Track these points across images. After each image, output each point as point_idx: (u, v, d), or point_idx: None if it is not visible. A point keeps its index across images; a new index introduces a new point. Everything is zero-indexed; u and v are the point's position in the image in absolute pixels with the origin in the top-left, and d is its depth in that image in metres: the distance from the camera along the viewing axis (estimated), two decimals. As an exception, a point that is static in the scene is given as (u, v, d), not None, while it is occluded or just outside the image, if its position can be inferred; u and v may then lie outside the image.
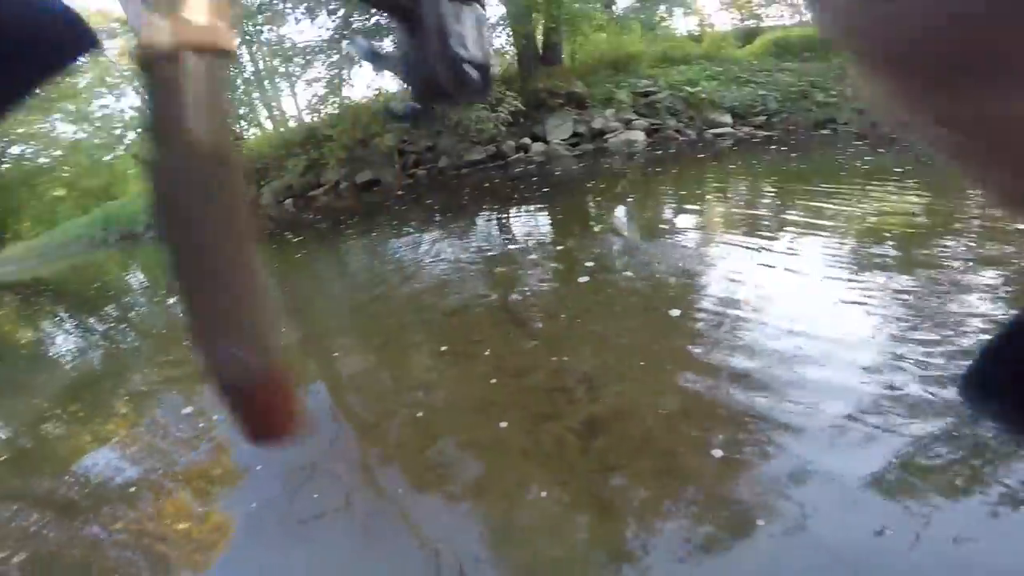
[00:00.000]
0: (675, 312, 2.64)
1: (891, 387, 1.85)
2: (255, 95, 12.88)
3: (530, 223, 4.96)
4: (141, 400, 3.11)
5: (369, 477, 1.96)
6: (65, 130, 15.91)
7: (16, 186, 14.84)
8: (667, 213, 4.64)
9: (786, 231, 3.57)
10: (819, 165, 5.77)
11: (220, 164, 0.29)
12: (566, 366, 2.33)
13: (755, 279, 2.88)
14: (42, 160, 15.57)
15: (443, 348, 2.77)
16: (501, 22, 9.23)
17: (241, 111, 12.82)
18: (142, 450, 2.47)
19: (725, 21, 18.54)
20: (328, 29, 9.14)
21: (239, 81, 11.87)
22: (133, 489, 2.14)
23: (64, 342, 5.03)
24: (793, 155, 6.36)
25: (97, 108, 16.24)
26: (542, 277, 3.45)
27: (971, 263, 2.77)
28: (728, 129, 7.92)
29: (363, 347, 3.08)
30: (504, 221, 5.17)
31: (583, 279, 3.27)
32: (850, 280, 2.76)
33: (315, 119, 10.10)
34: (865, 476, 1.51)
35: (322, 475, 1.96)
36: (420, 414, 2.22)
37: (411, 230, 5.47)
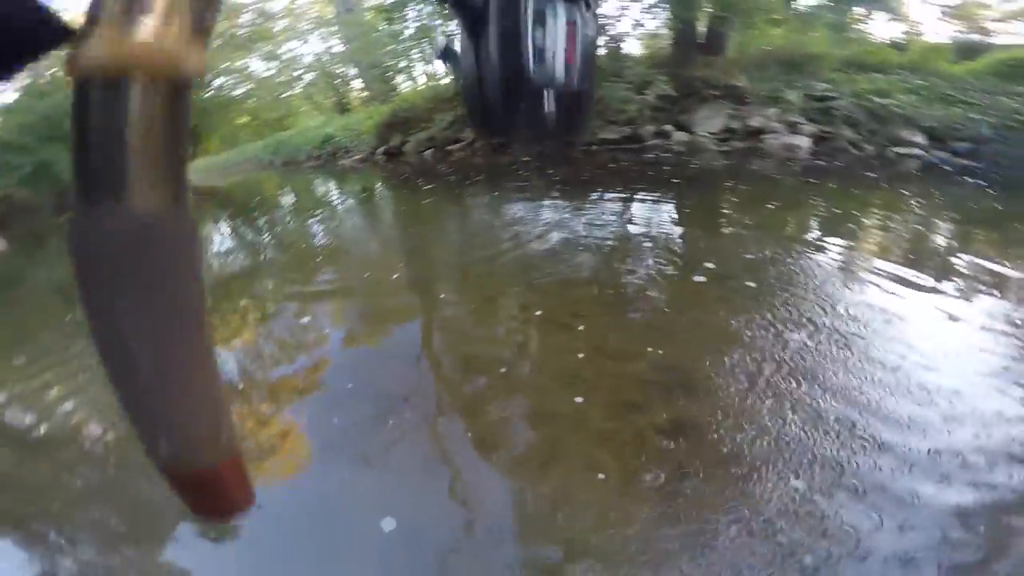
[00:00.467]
0: (794, 335, 2.40)
1: None
2: (415, 51, 13.81)
3: (654, 211, 4.73)
4: (261, 305, 3.65)
5: (442, 422, 2.07)
6: (257, 68, 18.81)
7: (213, 111, 17.77)
8: (812, 229, 4.13)
9: (948, 277, 3.02)
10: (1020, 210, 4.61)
11: (170, 232, 0.22)
12: (666, 361, 2.25)
13: (894, 314, 2.54)
14: (236, 92, 18.54)
15: (541, 314, 2.81)
16: (659, 4, 8.69)
17: (401, 64, 13.98)
18: (247, 354, 2.82)
19: (942, 32, 15.32)
20: None
21: (402, 36, 12.88)
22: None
23: (218, 241, 6.04)
24: (993, 193, 5.17)
25: (285, 50, 18.93)
26: (658, 268, 3.31)
27: None
28: (918, 151, 6.64)
29: (467, 298, 3.22)
30: (626, 205, 5.02)
31: (700, 278, 3.08)
32: (1003, 347, 2.30)
33: (459, 82, 10.65)
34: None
35: (404, 409, 2.13)
36: (504, 371, 2.30)
37: (532, 197, 5.58)
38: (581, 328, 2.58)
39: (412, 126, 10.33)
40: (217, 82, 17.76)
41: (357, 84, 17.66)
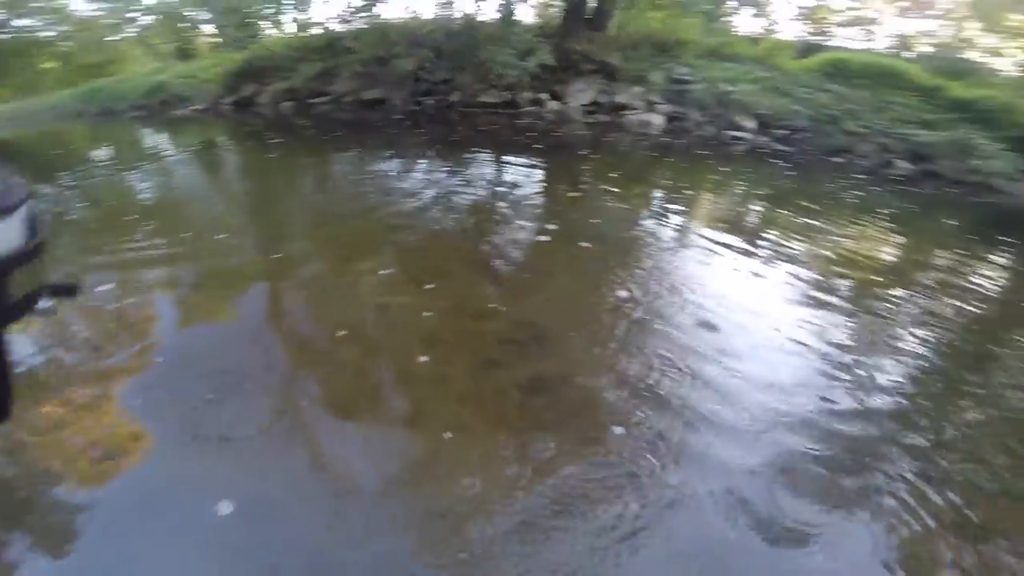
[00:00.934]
0: (643, 291, 2.60)
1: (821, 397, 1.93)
2: None
3: (519, 175, 4.78)
4: (59, 274, 2.94)
5: (296, 389, 1.87)
6: (80, 7, 15.51)
7: (5, 55, 14.33)
8: (653, 199, 4.50)
9: (762, 247, 3.48)
10: (812, 189, 5.59)
11: None
12: (524, 320, 2.28)
13: (716, 274, 2.87)
14: (44, 33, 14.99)
15: (404, 275, 2.66)
16: None
17: (269, 9, 12.29)
18: (52, 335, 2.29)
19: (792, 31, 17.79)
20: None
21: None
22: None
23: None
24: (800, 175, 6.21)
25: None
26: (518, 230, 3.33)
27: (908, 316, 2.78)
28: (748, 135, 7.63)
29: (321, 258, 2.94)
30: (495, 168, 4.97)
31: (557, 240, 3.16)
32: (801, 300, 2.76)
33: (342, 29, 9.64)
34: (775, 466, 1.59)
35: (245, 384, 1.87)
36: (366, 334, 2.14)
37: (402, 155, 5.27)
38: (447, 290, 2.51)
39: (269, 76, 9.16)
40: (19, 23, 14.14)
41: (209, 30, 15.25)
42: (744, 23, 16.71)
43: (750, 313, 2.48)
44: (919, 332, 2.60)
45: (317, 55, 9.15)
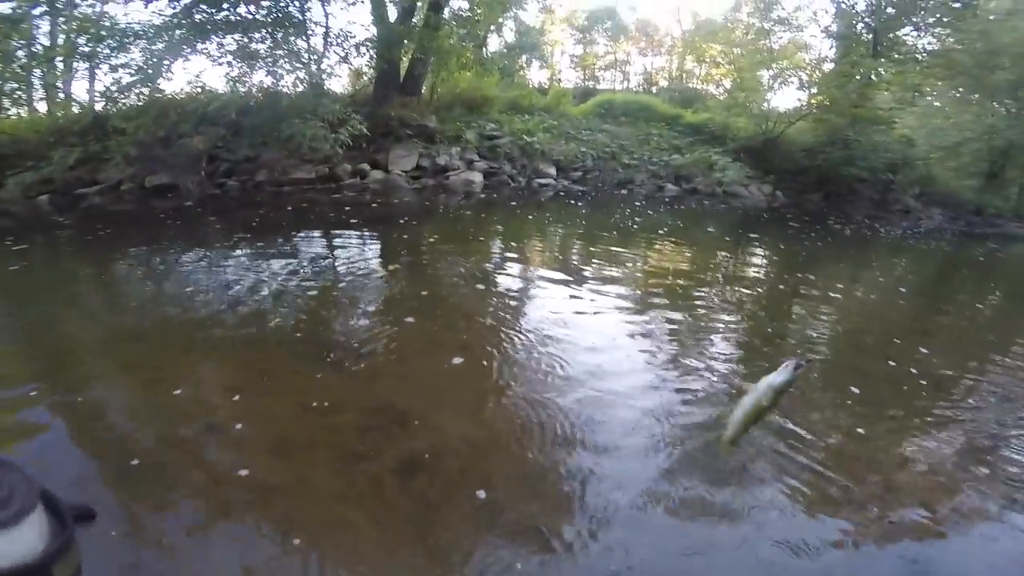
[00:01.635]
0: (490, 348, 2.70)
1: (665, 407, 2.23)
2: (36, 71, 10.12)
3: (352, 252, 4.65)
4: None
5: (139, 523, 1.56)
6: None
7: None
8: (495, 254, 4.83)
9: (589, 277, 4.04)
10: (616, 219, 6.77)
11: None
12: (380, 403, 2.18)
13: (565, 318, 3.15)
14: None
15: (234, 382, 2.35)
16: (368, 43, 8.84)
17: (10, 86, 9.90)
18: None
19: (571, 79, 21.27)
20: (162, 15, 7.65)
21: (20, 53, 9.30)
22: None
23: None
24: (597, 210, 7.39)
25: None
26: (356, 311, 3.21)
27: (714, 307, 3.62)
28: (551, 181, 8.80)
29: (128, 379, 2.44)
30: (323, 248, 4.77)
31: (407, 314, 3.12)
32: (634, 316, 3.31)
33: (108, 108, 8.24)
34: (647, 480, 1.78)
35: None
36: (206, 454, 1.85)
37: (208, 247, 4.65)
38: (288, 388, 2.27)
39: (13, 163, 7.36)
40: None
41: None
42: (534, 74, 19.48)
43: (593, 338, 2.81)
44: (725, 316, 3.43)
45: (77, 138, 7.68)
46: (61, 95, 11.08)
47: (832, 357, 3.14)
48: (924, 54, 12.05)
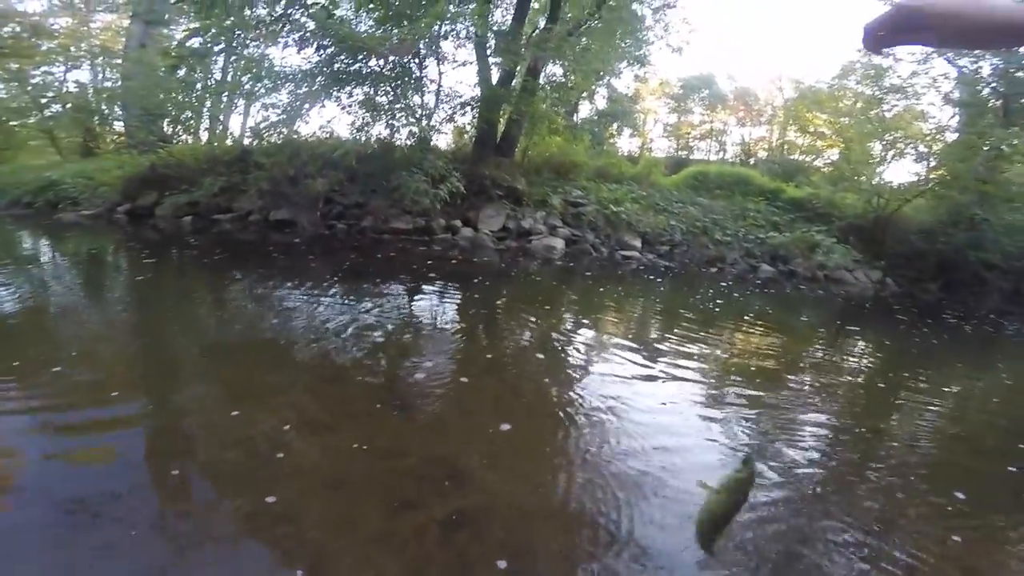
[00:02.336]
0: (560, 414, 2.70)
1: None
2: (208, 103, 12.26)
3: (436, 305, 4.89)
4: None
5: (190, 529, 1.70)
6: None
7: None
8: (568, 324, 4.82)
9: (664, 355, 3.89)
10: (698, 299, 6.50)
11: None
12: (439, 456, 2.23)
13: (634, 392, 3.07)
14: None
15: (308, 414, 2.53)
16: (472, 102, 9.57)
17: (186, 115, 12.06)
18: None
19: (663, 147, 21.26)
20: (310, 62, 8.99)
21: (199, 85, 11.37)
22: None
23: None
24: (681, 287, 7.17)
25: (40, 73, 14.94)
26: (434, 363, 3.33)
27: (800, 400, 3.36)
28: (636, 253, 8.66)
29: (218, 392, 2.73)
30: (411, 297, 5.06)
31: (475, 372, 3.21)
32: (708, 400, 3.14)
33: (254, 144, 9.64)
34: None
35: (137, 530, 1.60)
36: (264, 476, 1.97)
37: (311, 282, 5.16)
38: (355, 428, 2.40)
39: (172, 185, 8.80)
40: None
41: (118, 127, 14.58)
42: (624, 142, 19.77)
43: (663, 418, 2.64)
44: (811, 411, 3.15)
45: (225, 168, 9.02)
46: (220, 127, 13.27)
47: (939, 457, 2.77)
48: None
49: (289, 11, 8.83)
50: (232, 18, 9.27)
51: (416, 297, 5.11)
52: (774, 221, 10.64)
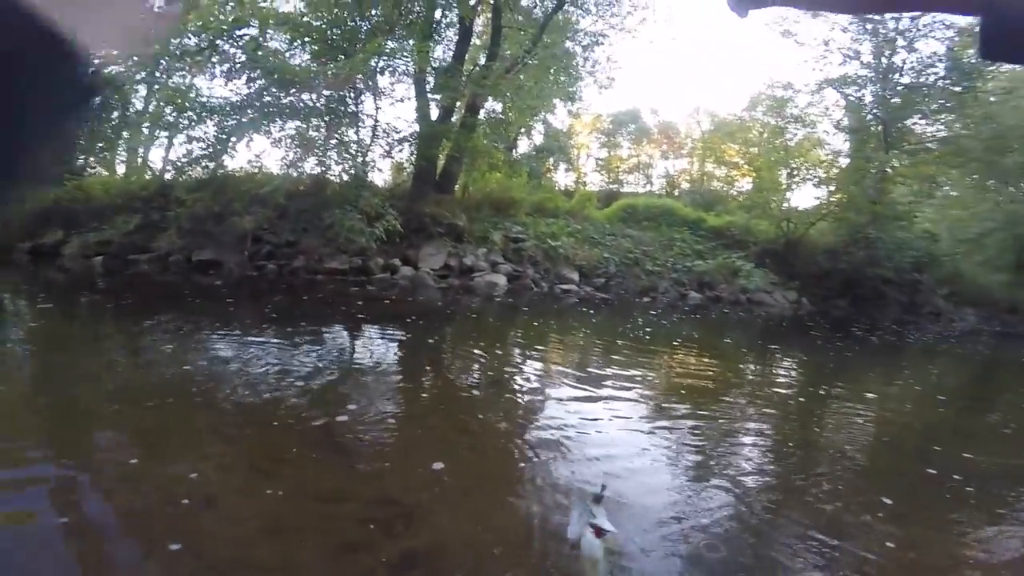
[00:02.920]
0: (508, 448, 2.69)
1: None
2: (125, 134, 11.34)
3: (373, 347, 4.74)
4: None
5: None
6: None
7: None
8: (511, 358, 4.86)
9: (606, 384, 4.01)
10: (629, 328, 6.82)
11: None
12: (384, 498, 2.14)
13: (580, 420, 3.13)
14: None
15: (239, 461, 2.38)
16: (410, 139, 9.62)
17: (98, 144, 11.07)
18: None
19: (596, 181, 22.40)
20: (239, 94, 8.62)
21: (115, 115, 10.51)
22: None
23: None
24: (616, 317, 7.48)
25: None
26: (374, 405, 3.23)
27: (736, 417, 3.55)
28: (574, 287, 9.01)
29: (137, 443, 2.49)
30: (348, 340, 4.89)
31: (417, 411, 3.15)
32: (650, 424, 3.25)
33: (176, 178, 9.03)
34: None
35: None
36: (194, 525, 1.83)
37: (239, 326, 4.84)
38: (290, 473, 2.25)
39: (82, 222, 8.04)
40: None
41: None
42: (560, 177, 20.64)
43: (609, 445, 2.71)
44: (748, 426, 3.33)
45: (142, 204, 8.39)
46: (139, 160, 12.31)
47: (867, 463, 3.03)
48: (935, 143, 11.93)
49: (218, 41, 8.54)
50: (157, 46, 8.82)
51: (353, 339, 4.96)
52: (698, 249, 11.48)
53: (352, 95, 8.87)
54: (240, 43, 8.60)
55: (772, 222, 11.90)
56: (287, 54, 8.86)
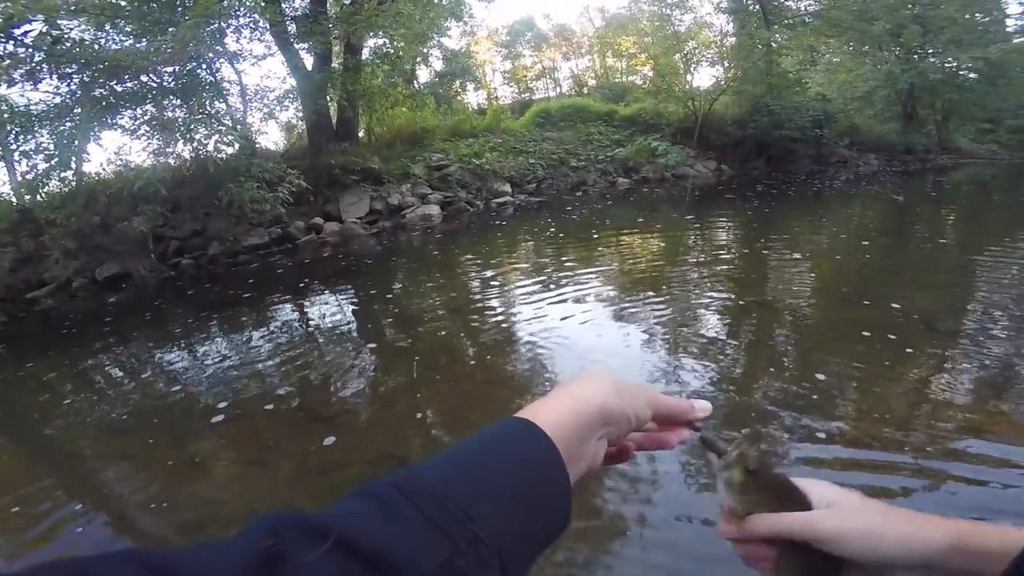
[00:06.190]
0: (485, 373, 2.76)
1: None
2: None
3: (324, 310, 4.58)
4: None
5: None
6: None
7: None
8: (467, 282, 4.84)
9: (565, 281, 4.16)
10: (572, 226, 6.96)
11: None
12: (381, 454, 2.18)
13: (552, 324, 3.25)
14: None
15: (229, 460, 2.37)
16: (289, 96, 8.74)
17: None
18: None
19: (507, 94, 21.70)
20: (59, 94, 7.30)
21: None
22: None
23: None
24: (561, 216, 7.56)
25: None
26: (342, 366, 3.17)
27: (694, 286, 3.82)
28: (508, 198, 8.94)
29: (132, 470, 2.41)
30: (296, 310, 4.67)
31: (388, 363, 3.12)
32: (619, 307, 3.44)
33: (32, 200, 7.80)
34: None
35: None
36: (212, 532, 1.87)
37: (180, 331, 4.52)
38: (283, 456, 2.27)
39: (-56, 275, 6.90)
40: None
41: None
42: (471, 98, 19.70)
43: (588, 340, 2.84)
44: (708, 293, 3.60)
45: (9, 236, 7.28)
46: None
47: (814, 313, 3.35)
48: (810, 17, 12.90)
49: None
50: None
51: (299, 308, 4.76)
52: (616, 139, 11.66)
53: (204, 65, 7.79)
54: (24, 42, 7.20)
55: (678, 103, 12.38)
56: (101, 41, 7.51)
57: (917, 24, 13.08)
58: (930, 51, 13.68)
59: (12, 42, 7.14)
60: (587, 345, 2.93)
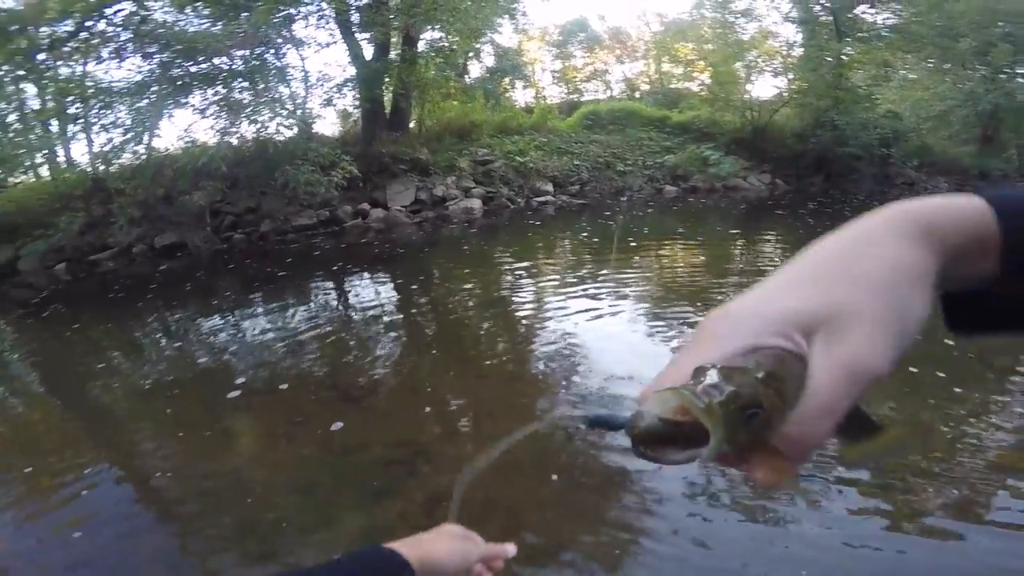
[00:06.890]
0: (512, 368, 2.75)
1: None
2: (32, 136, 10.32)
3: (363, 293, 4.70)
4: None
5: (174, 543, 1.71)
6: None
7: None
8: (502, 278, 4.83)
9: (603, 285, 4.09)
10: (624, 228, 6.85)
11: None
12: (403, 439, 2.21)
13: (586, 329, 3.19)
14: None
15: (259, 431, 2.45)
16: (348, 83, 8.98)
17: (8, 152, 10.06)
18: None
19: (555, 94, 21.52)
20: (139, 71, 7.83)
21: (10, 118, 9.50)
22: None
23: None
24: (601, 221, 7.43)
25: None
26: (373, 350, 3.25)
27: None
28: (550, 197, 8.88)
29: (162, 434, 2.54)
30: (335, 291, 4.83)
31: (418, 350, 3.17)
32: (656, 320, 3.36)
33: (106, 170, 8.37)
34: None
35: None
36: (234, 501, 1.92)
37: (224, 302, 4.74)
38: (310, 432, 2.32)
39: (25, 233, 7.51)
40: None
41: None
42: (519, 95, 19.73)
43: (618, 349, 2.80)
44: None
45: (81, 203, 7.83)
46: (61, 160, 11.32)
47: None
48: (887, 30, 12.12)
49: (87, 23, 7.62)
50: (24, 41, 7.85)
51: (339, 289, 4.90)
52: (666, 146, 11.32)
53: (272, 50, 8.12)
54: (117, 21, 7.72)
55: (735, 113, 11.92)
56: (181, 23, 7.93)
57: (1008, 43, 12.06)
58: (1019, 71, 12.59)
59: (104, 20, 7.69)
60: (613, 356, 2.86)
